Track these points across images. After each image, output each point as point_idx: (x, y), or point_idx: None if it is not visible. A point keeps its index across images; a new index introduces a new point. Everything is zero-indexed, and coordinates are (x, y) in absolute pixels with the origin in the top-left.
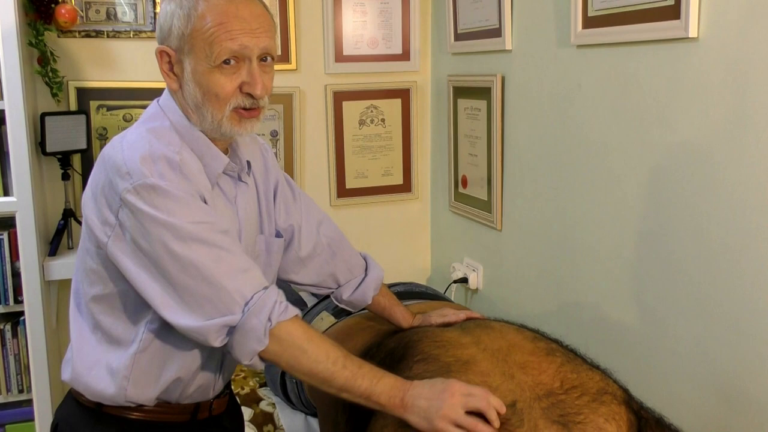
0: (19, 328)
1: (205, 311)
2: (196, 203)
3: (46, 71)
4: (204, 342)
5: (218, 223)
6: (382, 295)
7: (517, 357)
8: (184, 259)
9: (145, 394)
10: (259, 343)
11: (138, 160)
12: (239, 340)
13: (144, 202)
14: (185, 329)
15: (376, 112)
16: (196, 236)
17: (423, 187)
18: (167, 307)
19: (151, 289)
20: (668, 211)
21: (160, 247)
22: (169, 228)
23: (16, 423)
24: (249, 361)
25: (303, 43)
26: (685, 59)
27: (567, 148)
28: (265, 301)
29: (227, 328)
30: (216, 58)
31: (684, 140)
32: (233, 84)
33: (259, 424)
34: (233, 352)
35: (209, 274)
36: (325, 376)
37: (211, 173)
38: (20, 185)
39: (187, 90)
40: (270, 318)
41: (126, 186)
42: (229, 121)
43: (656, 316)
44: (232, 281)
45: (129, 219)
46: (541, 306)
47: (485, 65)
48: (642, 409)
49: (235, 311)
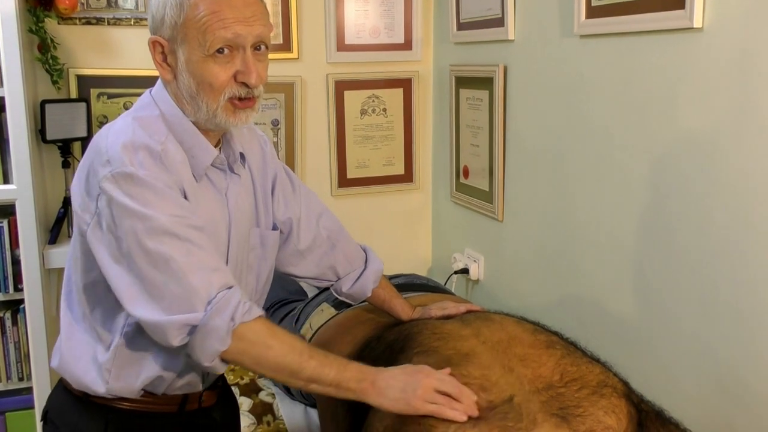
0: (19, 316)
1: (168, 306)
2: (173, 196)
3: (47, 58)
4: (163, 340)
5: (192, 218)
6: (382, 288)
7: (517, 349)
8: (154, 251)
9: (127, 387)
10: (222, 343)
11: (119, 147)
12: (200, 340)
13: (120, 191)
14: (146, 323)
15: (378, 101)
16: (168, 229)
17: (424, 177)
18: (131, 299)
19: (117, 280)
20: (671, 203)
21: (131, 237)
22: (142, 219)
23: (16, 411)
24: (210, 362)
25: (304, 31)
26: (690, 50)
27: (569, 139)
28: (229, 300)
29: (188, 327)
30: (209, 47)
31: (688, 132)
32: (227, 73)
33: (259, 415)
34: (194, 353)
35: (176, 269)
36: (292, 369)
37: (199, 166)
38: (20, 173)
39: (181, 80)
40: (233, 317)
41: (105, 173)
42: (223, 112)
43: (658, 309)
44: (198, 278)
45: (105, 207)
46: (542, 297)
47: (488, 55)
48: (642, 402)
49: (197, 309)
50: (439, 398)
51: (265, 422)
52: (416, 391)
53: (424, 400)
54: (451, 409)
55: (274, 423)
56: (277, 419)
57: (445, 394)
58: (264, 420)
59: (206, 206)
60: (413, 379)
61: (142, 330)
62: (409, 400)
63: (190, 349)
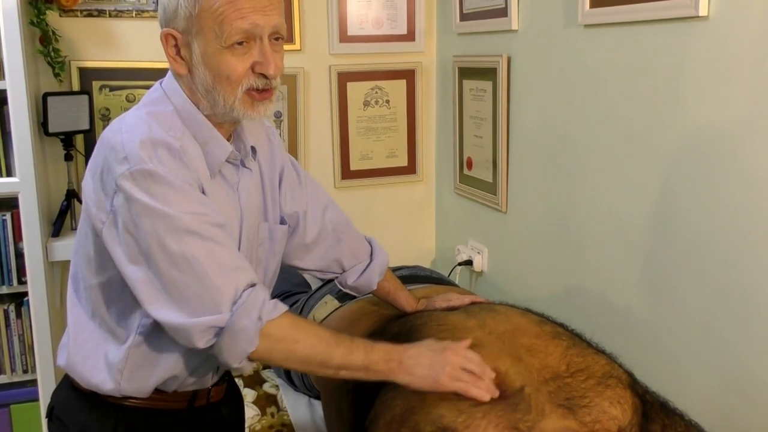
0: (23, 309)
1: (192, 308)
2: (193, 193)
3: (48, 51)
4: (188, 343)
5: (213, 216)
6: (387, 280)
7: (523, 340)
8: (176, 251)
9: (139, 388)
10: (250, 343)
11: (137, 144)
12: (228, 342)
13: (140, 189)
14: (170, 326)
15: (381, 93)
16: (190, 228)
17: (428, 168)
18: (153, 301)
19: (138, 281)
20: (677, 193)
21: (152, 237)
22: (163, 218)
23: (21, 403)
24: (238, 364)
25: (307, 23)
26: (695, 38)
27: (574, 130)
28: (255, 300)
29: (214, 330)
30: (227, 38)
31: (694, 121)
32: (245, 65)
33: (263, 406)
34: (221, 355)
35: (200, 269)
36: (322, 359)
37: (214, 161)
38: (23, 166)
39: (196, 74)
40: (260, 317)
41: (122, 171)
42: (241, 104)
43: (663, 300)
44: (222, 279)
45: (122, 206)
46: (546, 289)
47: (491, 46)
48: (647, 393)
49: (223, 310)
50: (465, 376)
51: (269, 413)
52: (444, 368)
53: (451, 378)
54: (476, 388)
55: (278, 414)
56: (281, 410)
57: (471, 369)
58: (268, 411)
59: (220, 202)
60: (440, 356)
61: (157, 330)
62: (437, 378)
63: (218, 351)
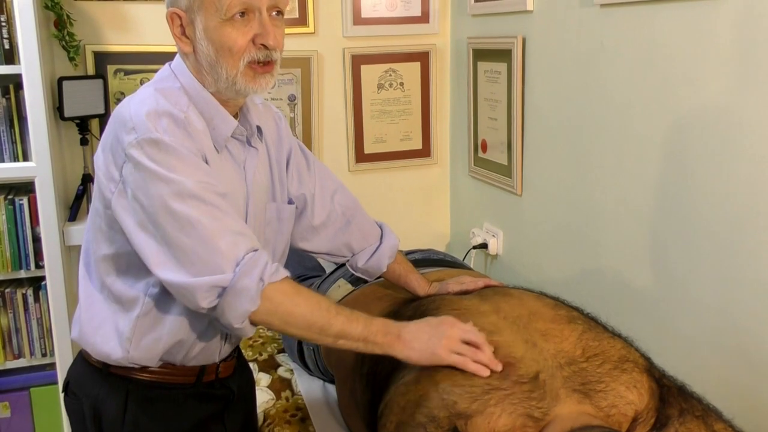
0: (41, 293)
1: (196, 268)
2: (198, 162)
3: (63, 35)
4: (192, 303)
5: (217, 185)
6: (398, 263)
7: (538, 325)
8: (181, 215)
9: (148, 355)
10: (252, 303)
11: (143, 115)
12: (230, 301)
13: (146, 157)
14: (174, 285)
15: (395, 75)
16: (195, 193)
17: (442, 151)
18: (159, 264)
19: (146, 245)
20: (693, 175)
21: (158, 201)
22: (169, 183)
23: (40, 386)
24: (240, 323)
25: (321, 5)
26: (715, 18)
27: (589, 111)
28: (257, 261)
29: (217, 290)
30: (226, 11)
31: (710, 101)
32: (246, 37)
33: (277, 390)
34: (223, 316)
35: (204, 232)
36: (321, 325)
37: (219, 136)
38: (39, 150)
39: (200, 50)
40: (262, 278)
41: (130, 140)
42: (243, 77)
43: (679, 282)
44: (225, 241)
45: (131, 174)
46: (561, 272)
47: (506, 27)
48: (664, 377)
49: (226, 270)
50: (464, 348)
51: (284, 398)
52: (441, 340)
53: (449, 350)
54: (474, 363)
55: (293, 399)
56: (296, 395)
57: (469, 343)
58: (283, 396)
59: (226, 177)
60: (438, 330)
61: (164, 298)
62: (435, 350)
63: (220, 312)
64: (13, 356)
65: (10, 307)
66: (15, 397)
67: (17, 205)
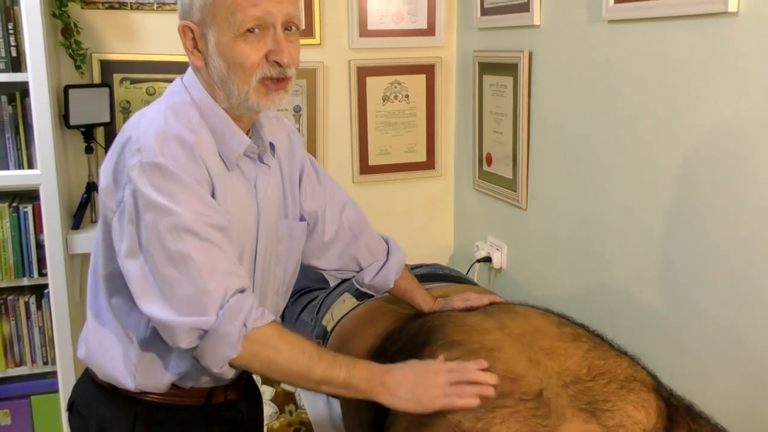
0: (43, 301)
1: (180, 306)
2: (199, 191)
3: (70, 43)
4: (171, 341)
5: (216, 217)
6: (404, 278)
7: (542, 342)
8: (173, 248)
9: (154, 384)
10: (232, 349)
11: (151, 136)
12: (211, 345)
13: (147, 182)
14: (156, 321)
15: (400, 87)
16: (190, 227)
17: (447, 164)
18: (144, 295)
19: (132, 273)
20: (700, 190)
21: (151, 231)
22: (166, 214)
23: (41, 394)
24: (219, 369)
25: (327, 17)
26: (724, 35)
27: (596, 127)
28: (242, 305)
29: (198, 332)
30: (240, 26)
31: (720, 120)
32: (259, 53)
33: (281, 404)
34: (203, 359)
35: (193, 269)
36: (303, 372)
37: (231, 154)
38: (44, 158)
39: (212, 64)
40: (245, 323)
41: (134, 162)
42: (255, 94)
43: (687, 300)
44: (213, 281)
45: (130, 197)
46: (566, 287)
47: (512, 41)
48: (672, 396)
49: (209, 312)
50: (450, 390)
51: (287, 411)
52: (427, 390)
53: (434, 398)
54: (460, 398)
55: (296, 412)
56: (300, 409)
57: (459, 382)
58: (286, 409)
59: (235, 197)
60: (423, 379)
61: None
62: (420, 400)
63: (199, 354)
64: (15, 364)
65: (12, 315)
66: (15, 404)
67: (21, 212)
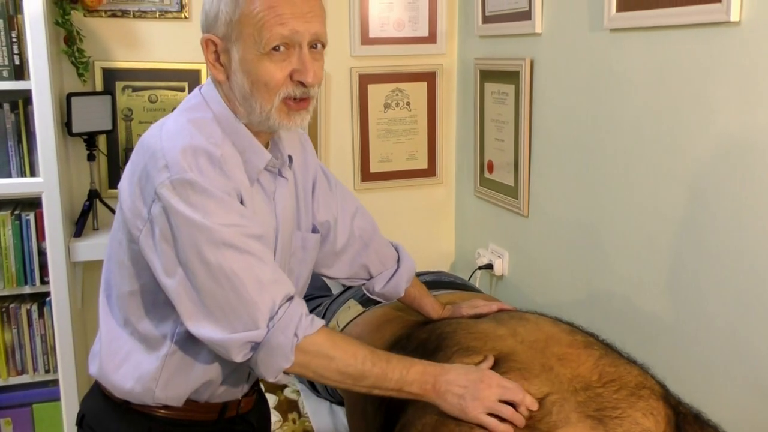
0: (45, 309)
1: (230, 323)
2: (233, 203)
3: (73, 51)
4: (226, 356)
5: (252, 227)
6: (413, 286)
7: (555, 349)
8: (214, 264)
9: (174, 395)
10: (286, 360)
11: (178, 152)
12: (264, 357)
13: (179, 198)
14: (208, 341)
15: (402, 95)
16: (228, 241)
17: (448, 171)
18: (191, 316)
19: (176, 293)
20: (704, 200)
21: (190, 248)
22: (203, 230)
23: (43, 402)
24: (274, 378)
25: (329, 25)
26: (725, 45)
27: (598, 135)
28: (292, 315)
29: (251, 344)
30: (266, 44)
31: (723, 129)
32: (283, 72)
33: (284, 411)
34: (257, 369)
35: (238, 283)
36: (356, 377)
37: (252, 169)
38: (46, 166)
39: (234, 80)
40: (297, 333)
41: (162, 179)
42: (277, 113)
43: (692, 309)
44: (259, 293)
45: (160, 215)
46: (568, 295)
47: (514, 49)
48: (680, 405)
49: (260, 325)
50: (499, 408)
51: (290, 419)
52: (475, 401)
53: (481, 411)
54: (498, 425)
55: (300, 421)
56: (303, 417)
57: (509, 400)
58: (290, 417)
59: (258, 211)
60: (475, 388)
61: (192, 338)
62: (465, 409)
63: (254, 365)
64: (16, 372)
65: (14, 323)
66: (17, 413)
67: (23, 220)
